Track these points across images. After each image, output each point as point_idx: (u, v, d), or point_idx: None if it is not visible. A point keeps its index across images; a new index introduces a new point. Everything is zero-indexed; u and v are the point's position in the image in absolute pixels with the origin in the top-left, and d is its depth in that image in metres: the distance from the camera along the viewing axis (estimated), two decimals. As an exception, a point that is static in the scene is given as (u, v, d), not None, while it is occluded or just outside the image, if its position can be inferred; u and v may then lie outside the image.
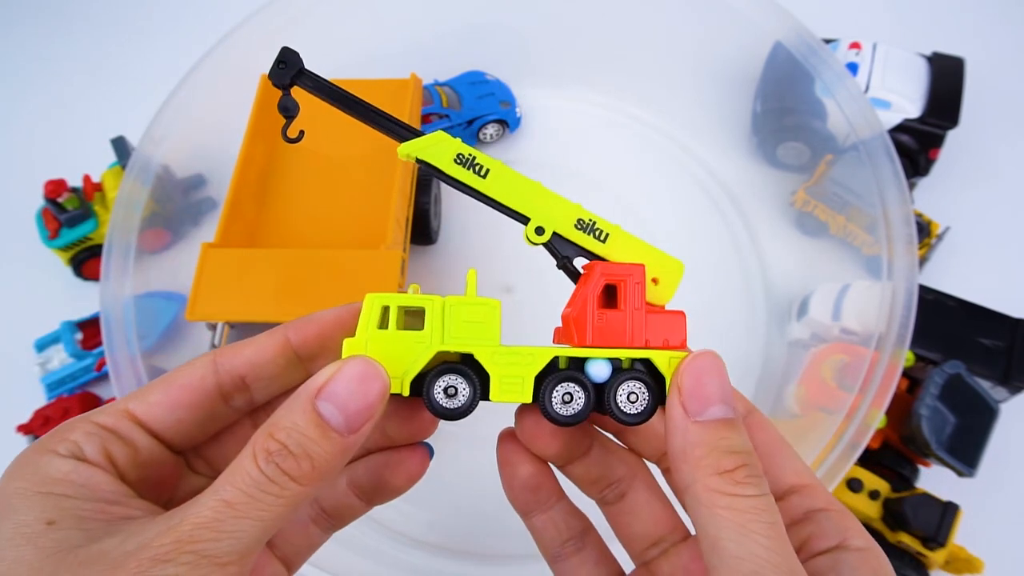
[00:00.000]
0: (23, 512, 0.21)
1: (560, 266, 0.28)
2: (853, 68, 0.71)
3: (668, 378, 0.25)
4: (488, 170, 0.27)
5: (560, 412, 0.25)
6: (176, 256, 0.63)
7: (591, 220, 0.27)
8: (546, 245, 0.28)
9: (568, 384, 0.25)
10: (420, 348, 0.25)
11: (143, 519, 0.22)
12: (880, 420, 0.48)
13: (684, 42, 0.74)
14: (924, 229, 0.67)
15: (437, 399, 0.25)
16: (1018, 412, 0.61)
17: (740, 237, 0.71)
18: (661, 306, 0.27)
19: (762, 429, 0.28)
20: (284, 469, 0.21)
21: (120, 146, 0.71)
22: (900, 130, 0.70)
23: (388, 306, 0.25)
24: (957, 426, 0.55)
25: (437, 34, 0.78)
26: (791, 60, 0.64)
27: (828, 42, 0.73)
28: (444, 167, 0.27)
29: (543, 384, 0.25)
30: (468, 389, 0.25)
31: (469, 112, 0.75)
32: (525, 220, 0.27)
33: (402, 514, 0.58)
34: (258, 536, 0.21)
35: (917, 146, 0.70)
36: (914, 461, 0.59)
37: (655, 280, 0.27)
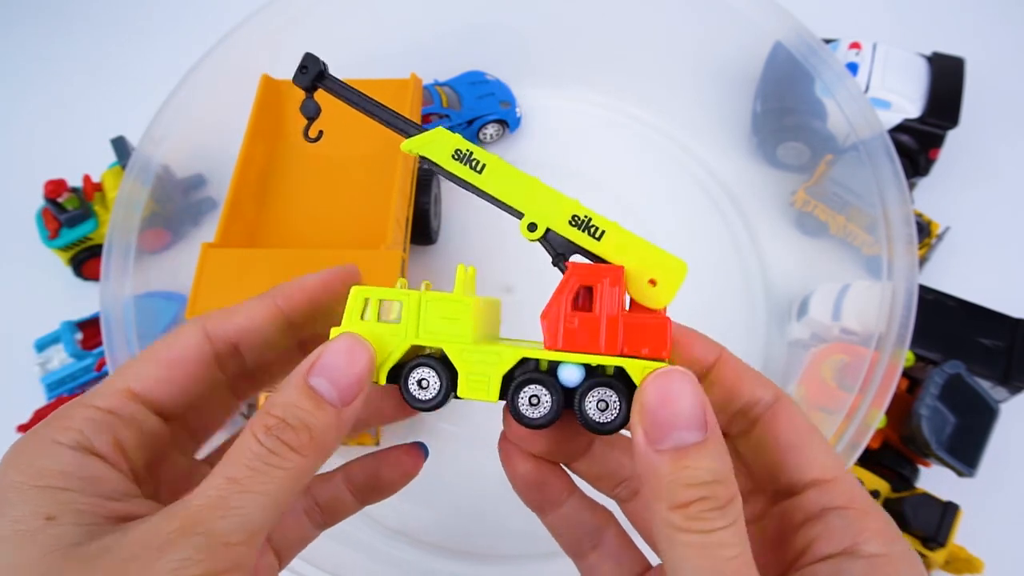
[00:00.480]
0: (19, 506, 0.20)
1: (555, 263, 0.27)
2: (853, 68, 0.71)
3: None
4: (484, 165, 0.27)
5: (526, 414, 0.25)
6: (176, 256, 0.63)
7: (587, 216, 0.26)
8: (541, 241, 0.27)
9: (534, 387, 0.25)
10: (395, 340, 0.25)
11: (147, 516, 0.21)
12: (880, 420, 0.48)
13: (684, 42, 0.74)
14: (924, 229, 0.67)
15: (411, 390, 0.25)
16: (1018, 412, 0.61)
17: (740, 237, 0.71)
18: (657, 310, 0.26)
19: (788, 419, 0.26)
20: (284, 440, 0.22)
21: (120, 146, 0.71)
22: (900, 130, 0.70)
23: (368, 298, 0.26)
24: (957, 426, 0.55)
25: (437, 34, 0.78)
26: (791, 60, 0.64)
27: (828, 42, 0.73)
28: (443, 162, 0.27)
29: (511, 385, 0.25)
30: (438, 383, 0.25)
31: (469, 112, 0.75)
32: (520, 216, 0.27)
33: (402, 513, 0.58)
34: (265, 514, 0.21)
35: (917, 146, 0.70)
36: (914, 461, 0.59)
37: (652, 281, 0.26)
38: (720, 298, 0.68)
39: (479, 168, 0.27)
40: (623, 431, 0.24)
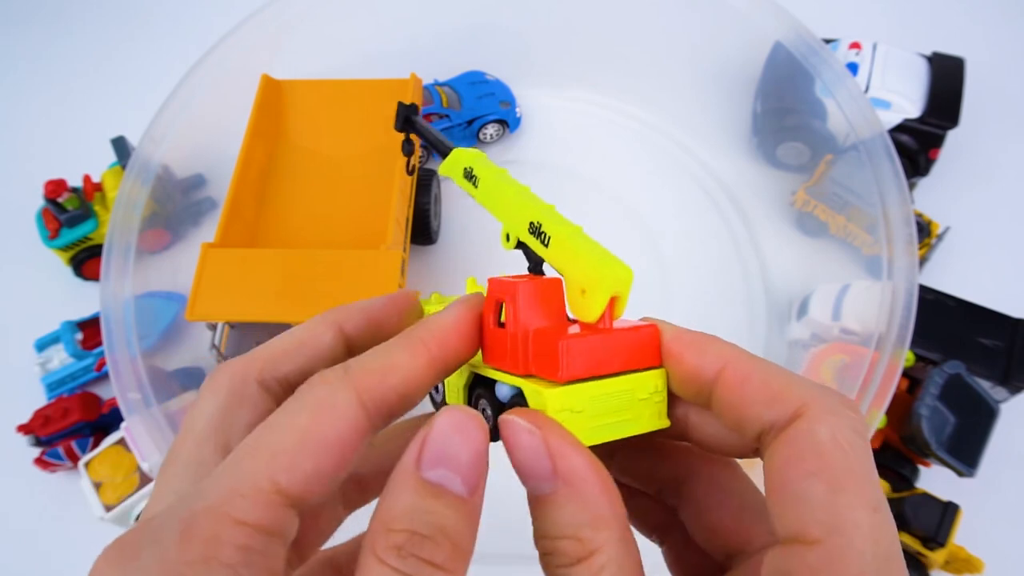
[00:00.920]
0: None
1: (530, 271, 0.25)
2: (853, 68, 0.71)
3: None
4: (478, 179, 0.27)
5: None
6: (176, 256, 0.63)
7: (538, 223, 0.24)
8: (521, 250, 0.25)
9: (482, 400, 0.24)
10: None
11: None
12: (880, 420, 0.48)
13: (684, 42, 0.74)
14: (924, 229, 0.67)
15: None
16: (1018, 412, 0.61)
17: (740, 237, 0.71)
18: (590, 323, 0.23)
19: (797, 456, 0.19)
20: (425, 558, 0.17)
21: (120, 146, 0.71)
22: (900, 130, 0.70)
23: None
24: (957, 426, 0.55)
25: (437, 34, 0.78)
26: (791, 60, 0.64)
27: (828, 42, 0.73)
28: (459, 183, 0.28)
29: (472, 395, 0.25)
30: (436, 391, 0.26)
31: (469, 112, 0.75)
32: None
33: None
34: None
35: (917, 146, 0.70)
36: (914, 461, 0.59)
37: (584, 292, 0.22)
38: (720, 298, 0.68)
39: (475, 183, 0.27)
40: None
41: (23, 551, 0.61)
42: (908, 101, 0.69)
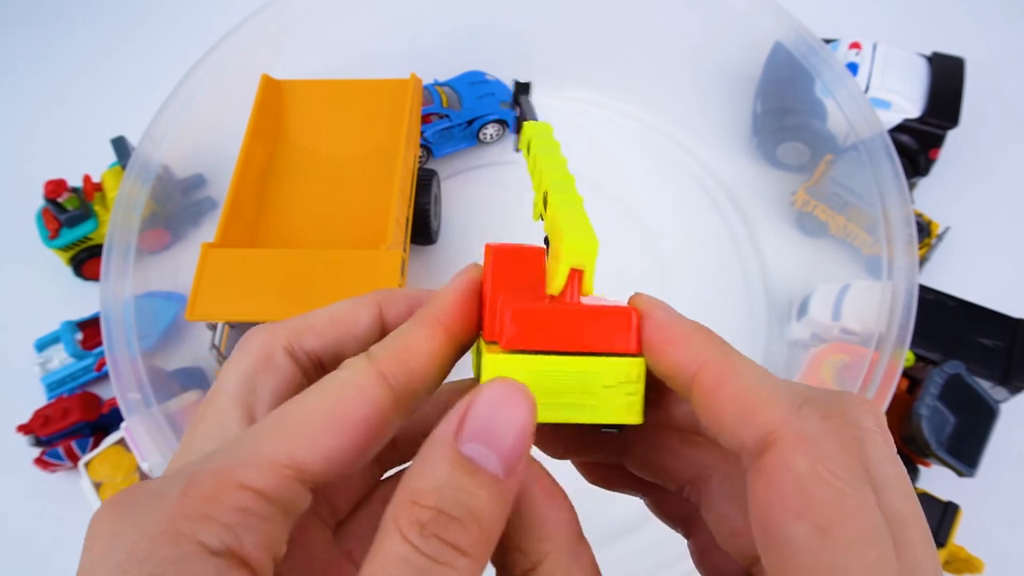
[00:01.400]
0: None
1: (545, 242, 0.24)
2: (853, 68, 0.71)
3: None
4: (530, 152, 0.27)
5: None
6: (176, 256, 0.63)
7: (547, 192, 0.23)
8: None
9: None
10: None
11: None
12: (880, 420, 0.48)
13: (684, 42, 0.74)
14: (924, 229, 0.67)
15: None
16: (1018, 412, 0.61)
17: (740, 237, 0.71)
18: (554, 295, 0.21)
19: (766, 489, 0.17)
20: (449, 540, 0.16)
21: (120, 146, 0.71)
22: (900, 130, 0.70)
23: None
24: (957, 426, 0.55)
25: (437, 34, 0.78)
26: (791, 60, 0.64)
27: (828, 42, 0.73)
28: (526, 157, 0.28)
29: None
30: None
31: (469, 112, 0.75)
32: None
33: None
34: None
35: (917, 146, 0.70)
36: (914, 461, 0.59)
37: (554, 261, 0.21)
38: (720, 298, 0.68)
39: (528, 151, 0.27)
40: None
41: (23, 551, 0.61)
42: (908, 101, 0.69)
